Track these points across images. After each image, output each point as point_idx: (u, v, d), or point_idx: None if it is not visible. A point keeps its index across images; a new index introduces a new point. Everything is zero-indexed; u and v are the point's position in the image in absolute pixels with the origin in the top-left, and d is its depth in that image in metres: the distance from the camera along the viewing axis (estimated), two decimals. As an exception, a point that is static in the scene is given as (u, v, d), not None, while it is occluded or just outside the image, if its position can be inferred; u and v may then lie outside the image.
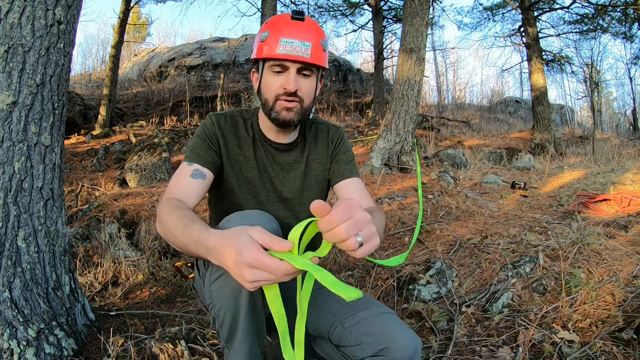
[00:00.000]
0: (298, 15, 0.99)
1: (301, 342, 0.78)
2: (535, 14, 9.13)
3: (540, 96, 8.52)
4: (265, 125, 1.12)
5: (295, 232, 0.65)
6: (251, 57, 1.08)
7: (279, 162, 1.14)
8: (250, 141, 1.12)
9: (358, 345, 0.92)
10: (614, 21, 9.77)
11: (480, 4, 11.22)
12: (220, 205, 1.14)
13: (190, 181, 0.97)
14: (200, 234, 0.72)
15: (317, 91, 1.09)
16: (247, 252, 0.61)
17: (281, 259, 0.61)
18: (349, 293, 0.56)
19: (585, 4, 9.16)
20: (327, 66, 1.07)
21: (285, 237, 0.65)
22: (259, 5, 7.15)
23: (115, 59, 8.29)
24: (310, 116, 1.15)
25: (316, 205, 0.61)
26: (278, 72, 1.01)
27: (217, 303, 0.84)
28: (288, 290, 1.10)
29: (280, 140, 1.13)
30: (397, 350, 0.88)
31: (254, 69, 1.09)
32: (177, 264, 1.05)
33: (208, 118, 1.11)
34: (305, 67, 1.01)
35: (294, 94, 1.00)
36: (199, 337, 1.45)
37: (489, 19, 11.31)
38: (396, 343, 0.88)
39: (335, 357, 1.01)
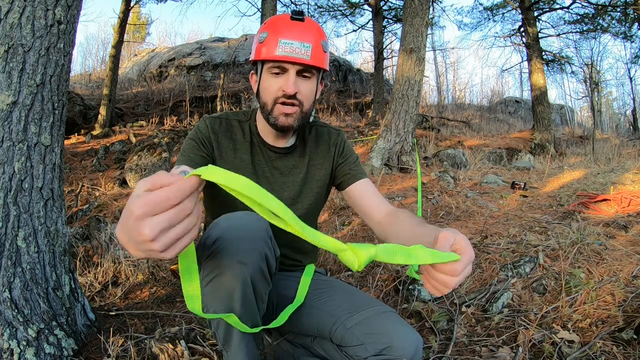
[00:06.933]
0: (298, 16, 0.97)
1: None
2: (535, 14, 9.12)
3: (540, 96, 8.52)
4: (264, 129, 1.09)
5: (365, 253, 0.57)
6: (250, 59, 1.05)
7: (277, 167, 1.11)
8: (248, 145, 1.10)
9: (360, 345, 0.92)
10: (614, 21, 9.77)
11: (480, 4, 11.23)
12: (216, 210, 1.11)
13: None
14: None
15: (318, 93, 1.06)
16: (139, 186, 0.45)
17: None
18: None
19: (585, 4, 9.16)
20: (327, 68, 1.03)
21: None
22: (259, 5, 7.15)
23: (115, 59, 8.28)
24: (311, 119, 1.13)
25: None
26: (277, 74, 0.98)
27: (210, 306, 0.82)
28: (286, 289, 1.10)
29: (279, 144, 1.10)
30: (400, 348, 0.88)
31: (253, 71, 1.07)
32: (172, 267, 1.03)
33: (202, 121, 1.08)
34: (305, 69, 0.98)
35: (293, 96, 0.98)
36: (199, 337, 1.45)
37: (489, 19, 11.32)
38: (398, 342, 0.88)
39: (337, 356, 1.01)
